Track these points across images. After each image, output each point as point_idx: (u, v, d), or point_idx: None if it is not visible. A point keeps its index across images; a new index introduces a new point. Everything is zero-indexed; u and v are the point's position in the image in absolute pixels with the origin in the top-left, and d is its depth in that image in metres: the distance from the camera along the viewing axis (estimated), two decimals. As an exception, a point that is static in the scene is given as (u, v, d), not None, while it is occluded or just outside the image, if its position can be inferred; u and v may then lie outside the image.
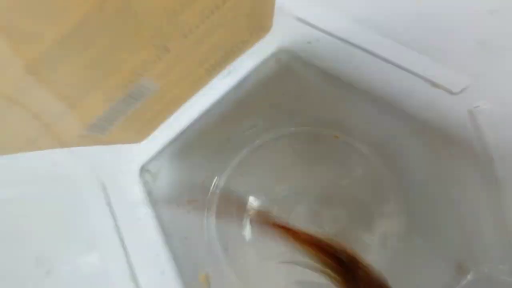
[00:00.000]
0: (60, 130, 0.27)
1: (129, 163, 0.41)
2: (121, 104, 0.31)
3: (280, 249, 0.39)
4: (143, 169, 0.42)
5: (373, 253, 0.44)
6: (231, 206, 0.41)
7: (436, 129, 0.40)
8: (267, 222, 0.37)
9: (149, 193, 0.43)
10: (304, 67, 0.42)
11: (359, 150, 0.43)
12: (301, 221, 0.43)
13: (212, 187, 0.43)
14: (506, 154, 0.37)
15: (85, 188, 0.35)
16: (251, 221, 0.41)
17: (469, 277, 0.42)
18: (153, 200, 0.42)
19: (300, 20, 0.37)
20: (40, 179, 0.32)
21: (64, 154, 0.34)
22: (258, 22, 0.37)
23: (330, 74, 0.42)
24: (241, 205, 0.41)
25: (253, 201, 0.44)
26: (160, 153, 0.42)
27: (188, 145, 0.42)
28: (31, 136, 0.25)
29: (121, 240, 0.37)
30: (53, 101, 0.23)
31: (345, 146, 0.43)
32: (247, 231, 0.42)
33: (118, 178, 0.40)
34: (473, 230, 0.41)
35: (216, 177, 0.43)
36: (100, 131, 0.32)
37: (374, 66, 0.38)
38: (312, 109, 0.43)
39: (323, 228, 0.43)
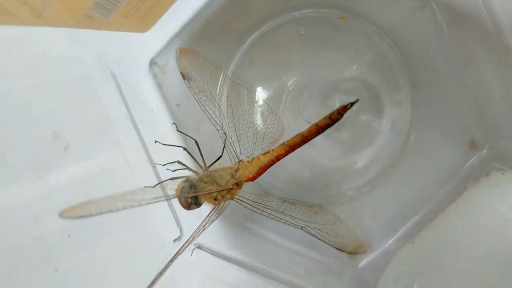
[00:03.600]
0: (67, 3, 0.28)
1: (137, 55, 0.43)
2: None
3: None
4: (152, 62, 0.44)
5: (384, 137, 0.45)
6: (241, 98, 0.42)
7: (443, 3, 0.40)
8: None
9: (159, 86, 0.44)
10: None
11: (367, 32, 0.43)
12: (311, 105, 0.44)
13: (221, 77, 0.44)
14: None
15: (95, 75, 0.37)
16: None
17: (482, 153, 0.43)
18: (163, 92, 0.44)
19: None
20: (49, 66, 0.34)
21: (70, 40, 0.35)
22: None
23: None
24: (251, 95, 0.42)
25: (261, 90, 0.45)
26: (167, 45, 0.43)
27: (193, 36, 0.43)
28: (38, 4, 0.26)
29: (135, 127, 0.39)
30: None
31: (353, 27, 0.43)
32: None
33: (126, 69, 0.41)
34: (485, 104, 0.42)
35: (223, 67, 0.44)
36: (105, 12, 0.33)
37: None
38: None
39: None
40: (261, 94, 0.44)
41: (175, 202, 0.38)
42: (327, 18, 0.43)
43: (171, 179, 0.37)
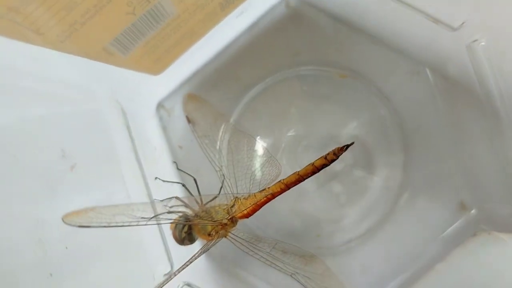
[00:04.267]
0: (88, 33, 0.31)
1: (147, 96, 0.45)
2: (141, 23, 0.35)
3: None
4: (159, 105, 0.46)
5: (375, 194, 0.47)
6: (241, 143, 0.44)
7: (437, 67, 0.43)
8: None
9: (164, 128, 0.46)
10: (312, 10, 0.45)
11: (365, 91, 0.46)
12: (308, 155, 0.46)
13: (223, 124, 0.46)
14: (506, 90, 0.38)
15: (106, 107, 0.39)
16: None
17: (470, 213, 0.45)
18: (168, 134, 0.46)
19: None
20: (66, 91, 0.36)
21: (88, 72, 0.37)
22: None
23: (336, 16, 0.45)
24: (252, 141, 0.44)
25: (261, 138, 0.47)
26: (175, 90, 0.46)
27: (201, 83, 0.46)
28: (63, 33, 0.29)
29: (138, 162, 0.41)
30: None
31: (352, 86, 0.46)
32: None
33: (136, 107, 0.44)
34: (474, 169, 0.44)
35: (227, 114, 0.47)
36: (123, 50, 0.36)
37: (379, 6, 0.41)
38: (320, 51, 0.46)
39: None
40: (260, 141, 0.46)
41: (169, 237, 0.39)
42: (329, 76, 0.46)
43: (168, 212, 0.38)
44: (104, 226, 0.27)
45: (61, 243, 0.28)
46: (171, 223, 0.37)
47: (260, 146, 0.45)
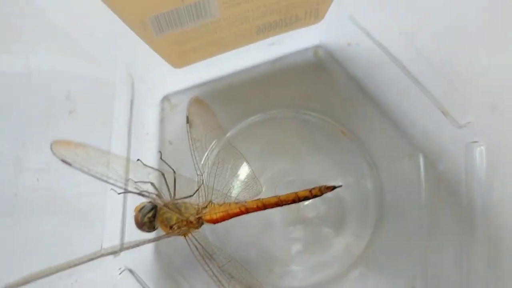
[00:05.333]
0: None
1: (158, 84, 0.46)
2: (184, 12, 0.37)
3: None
4: (166, 97, 0.47)
5: (334, 253, 0.47)
6: (228, 159, 0.44)
7: (431, 156, 0.45)
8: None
9: (162, 119, 0.47)
10: (336, 66, 0.48)
11: (359, 155, 0.48)
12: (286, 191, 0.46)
13: (218, 137, 0.47)
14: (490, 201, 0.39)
15: (119, 74, 0.40)
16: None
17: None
18: (163, 126, 0.47)
19: (352, 18, 0.43)
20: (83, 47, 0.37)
21: (114, 37, 0.38)
22: (316, 6, 0.43)
23: (355, 80, 0.47)
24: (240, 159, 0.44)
25: (245, 166, 0.48)
26: (185, 90, 0.48)
27: (212, 92, 0.48)
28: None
29: (128, 136, 0.41)
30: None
31: (348, 145, 0.48)
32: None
33: (145, 89, 0.44)
34: (435, 265, 0.45)
35: (226, 127, 0.47)
36: (157, 30, 0.38)
37: (399, 82, 0.44)
38: (330, 104, 0.48)
39: (299, 211, 0.47)
40: (247, 165, 0.47)
41: (129, 218, 0.38)
42: (331, 129, 0.48)
43: (139, 193, 0.38)
44: (84, 172, 0.27)
45: (34, 175, 0.28)
46: (142, 203, 0.37)
47: (245, 168, 0.45)
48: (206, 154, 0.45)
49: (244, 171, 0.43)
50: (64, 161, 0.26)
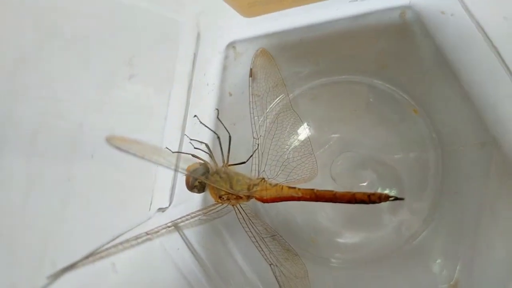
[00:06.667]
0: None
1: (225, 32, 0.44)
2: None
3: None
4: (231, 44, 0.45)
5: (385, 231, 0.46)
6: (287, 121, 0.43)
7: (509, 151, 0.41)
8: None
9: (225, 68, 0.45)
10: (422, 32, 0.43)
11: (428, 135, 0.45)
12: (344, 166, 0.45)
13: (281, 94, 0.45)
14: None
15: (185, 27, 0.37)
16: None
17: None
18: (225, 75, 0.45)
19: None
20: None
21: None
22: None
23: (442, 50, 0.42)
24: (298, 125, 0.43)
25: (308, 127, 0.46)
26: (253, 39, 0.45)
27: (280, 47, 0.45)
28: None
29: (189, 89, 0.40)
30: None
31: (418, 124, 0.45)
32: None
33: (210, 38, 0.42)
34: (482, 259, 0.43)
35: (289, 87, 0.45)
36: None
37: (487, 64, 0.39)
38: (407, 76, 0.44)
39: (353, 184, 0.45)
40: (306, 130, 0.45)
41: (181, 177, 0.39)
42: (401, 103, 0.44)
43: (192, 155, 0.38)
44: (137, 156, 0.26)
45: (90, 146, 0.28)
46: (193, 163, 0.37)
47: (304, 139, 0.43)
48: (265, 114, 0.43)
49: (302, 143, 0.42)
50: (120, 149, 0.25)
